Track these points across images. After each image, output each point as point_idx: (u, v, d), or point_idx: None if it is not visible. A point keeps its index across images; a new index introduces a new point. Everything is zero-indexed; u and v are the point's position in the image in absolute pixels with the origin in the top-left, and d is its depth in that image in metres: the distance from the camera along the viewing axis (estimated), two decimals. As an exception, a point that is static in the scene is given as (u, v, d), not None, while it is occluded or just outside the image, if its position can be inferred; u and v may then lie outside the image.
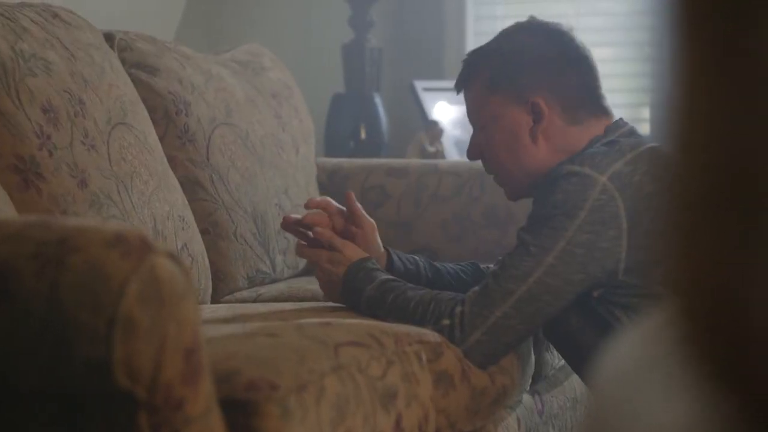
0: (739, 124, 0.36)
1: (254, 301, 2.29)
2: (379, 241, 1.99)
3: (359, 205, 2.00)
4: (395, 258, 1.98)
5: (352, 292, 1.87)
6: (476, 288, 1.80)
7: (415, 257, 2.03)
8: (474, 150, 1.97)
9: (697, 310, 0.38)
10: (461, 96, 3.75)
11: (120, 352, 1.16)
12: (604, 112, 1.92)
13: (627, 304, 1.78)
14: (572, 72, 1.91)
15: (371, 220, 2.00)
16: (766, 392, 0.35)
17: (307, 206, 2.01)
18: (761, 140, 0.35)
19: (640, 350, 0.49)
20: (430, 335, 1.75)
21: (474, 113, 1.97)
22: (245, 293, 2.37)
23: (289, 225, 2.00)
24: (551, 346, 2.10)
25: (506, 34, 1.96)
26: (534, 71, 1.90)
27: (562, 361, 2.19)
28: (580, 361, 1.89)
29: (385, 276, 1.88)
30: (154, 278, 1.18)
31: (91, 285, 1.17)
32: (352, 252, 1.93)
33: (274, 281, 2.48)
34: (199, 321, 1.24)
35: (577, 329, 1.83)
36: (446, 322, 1.78)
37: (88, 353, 1.16)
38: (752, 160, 0.35)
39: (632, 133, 1.89)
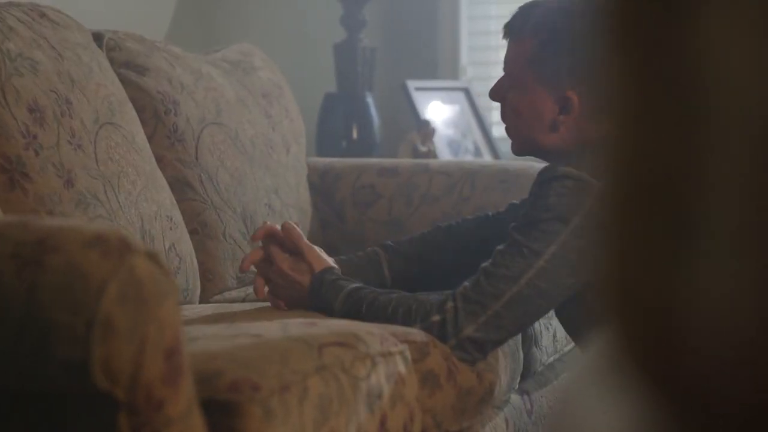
0: (667, 131, 0.35)
1: (243, 301, 2.28)
2: (330, 259, 1.96)
3: (299, 232, 1.95)
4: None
5: (322, 308, 1.85)
6: (467, 284, 1.79)
7: (375, 248, 2.04)
8: (498, 93, 1.92)
9: (629, 322, 0.37)
10: (454, 95, 3.73)
11: (99, 352, 1.16)
12: None
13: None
14: None
15: (315, 246, 1.97)
16: (698, 403, 0.35)
17: (255, 238, 1.98)
18: (689, 148, 0.35)
19: (592, 358, 0.48)
20: (416, 334, 1.75)
21: (509, 66, 1.91)
22: (234, 293, 2.36)
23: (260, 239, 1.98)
24: (540, 341, 2.10)
25: (566, 8, 1.87)
26: (579, 65, 1.82)
27: (551, 357, 2.19)
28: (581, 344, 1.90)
29: (350, 286, 1.85)
30: (133, 278, 1.18)
31: (70, 285, 1.16)
32: (314, 258, 1.91)
33: (263, 281, 2.48)
34: (180, 321, 1.23)
35: (579, 319, 1.84)
36: (436, 318, 1.78)
37: (67, 354, 1.16)
38: (680, 168, 0.34)
39: None
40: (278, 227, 1.96)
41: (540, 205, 1.77)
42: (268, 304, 1.98)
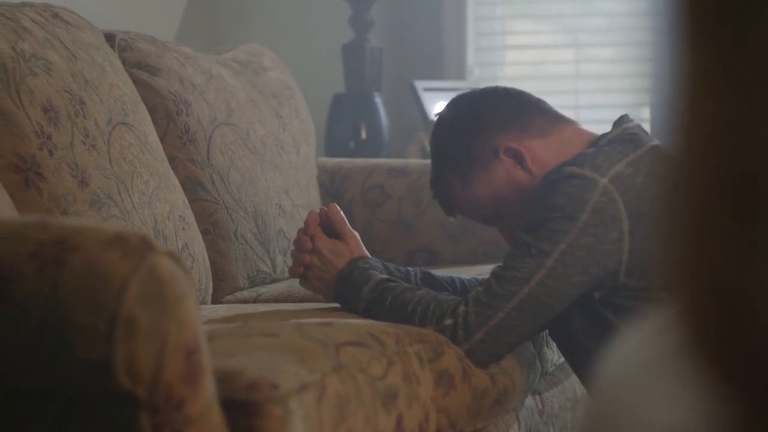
0: (743, 126, 0.35)
1: (255, 301, 2.29)
2: (366, 251, 1.97)
3: (343, 217, 1.97)
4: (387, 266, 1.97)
5: (348, 291, 1.86)
6: (479, 288, 1.80)
7: (408, 268, 2.02)
8: (512, 236, 1.95)
9: (703, 312, 0.38)
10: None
11: (121, 352, 1.16)
12: (565, 119, 1.96)
13: (628, 306, 1.78)
14: (501, 104, 1.95)
15: (354, 232, 1.98)
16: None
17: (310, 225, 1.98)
18: (764, 142, 0.35)
19: (642, 353, 0.49)
20: (431, 335, 1.75)
21: (481, 211, 1.97)
22: (246, 293, 2.36)
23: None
24: (551, 341, 2.10)
25: (432, 143, 2.02)
26: (477, 133, 1.93)
27: (563, 359, 2.19)
28: (581, 362, 1.89)
29: (379, 276, 1.87)
30: (154, 278, 1.18)
31: (91, 285, 1.17)
32: (355, 246, 1.93)
33: (274, 281, 2.48)
34: (199, 321, 1.24)
35: (580, 330, 1.83)
36: (449, 321, 1.78)
37: (89, 353, 1.16)
38: (755, 162, 0.35)
39: (638, 130, 1.88)
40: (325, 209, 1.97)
41: (547, 206, 1.78)
42: (280, 304, 1.98)
